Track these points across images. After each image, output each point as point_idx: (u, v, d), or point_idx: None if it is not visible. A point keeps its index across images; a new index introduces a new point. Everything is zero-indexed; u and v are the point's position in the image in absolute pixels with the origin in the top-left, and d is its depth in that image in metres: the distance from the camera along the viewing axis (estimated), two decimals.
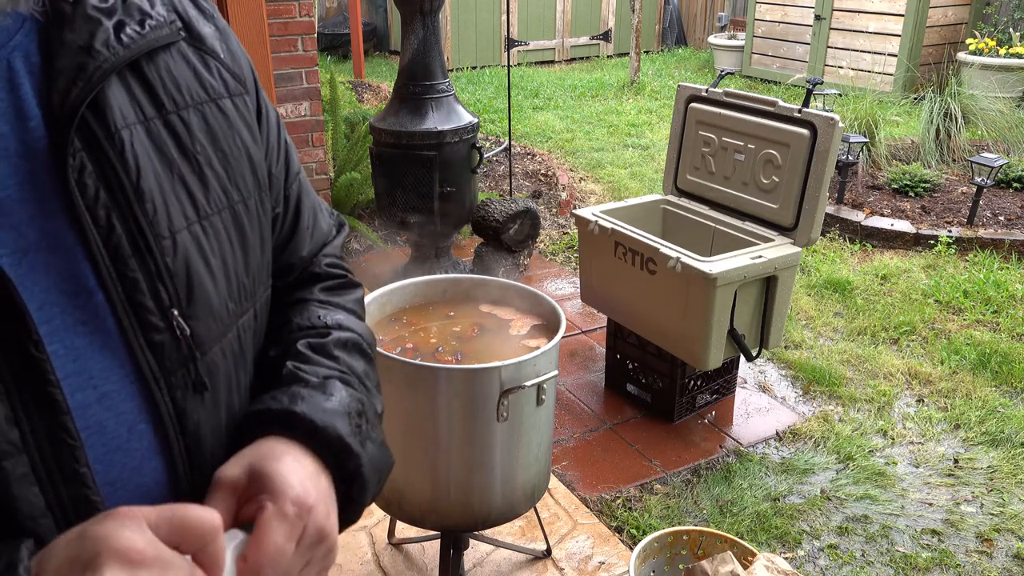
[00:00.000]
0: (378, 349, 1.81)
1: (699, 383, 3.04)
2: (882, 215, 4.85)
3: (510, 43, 8.12)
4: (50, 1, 0.59)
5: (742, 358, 3.04)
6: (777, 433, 2.99)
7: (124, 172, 0.59)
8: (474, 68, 9.95)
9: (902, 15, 7.83)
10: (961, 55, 7.67)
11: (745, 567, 1.82)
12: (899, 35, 7.88)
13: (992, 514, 2.58)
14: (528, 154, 6.25)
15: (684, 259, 2.59)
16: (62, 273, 0.56)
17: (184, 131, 0.66)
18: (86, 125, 0.58)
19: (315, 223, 0.88)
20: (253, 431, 0.69)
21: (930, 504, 2.63)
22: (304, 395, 0.71)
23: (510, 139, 4.74)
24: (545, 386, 1.83)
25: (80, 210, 0.57)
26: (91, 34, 0.59)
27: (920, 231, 4.63)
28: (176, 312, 0.62)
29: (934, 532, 2.51)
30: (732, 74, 9.25)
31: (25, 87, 0.56)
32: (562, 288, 4.15)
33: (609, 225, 2.89)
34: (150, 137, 0.63)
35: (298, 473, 0.65)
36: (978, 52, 7.48)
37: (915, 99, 7.25)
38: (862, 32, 8.20)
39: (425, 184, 3.58)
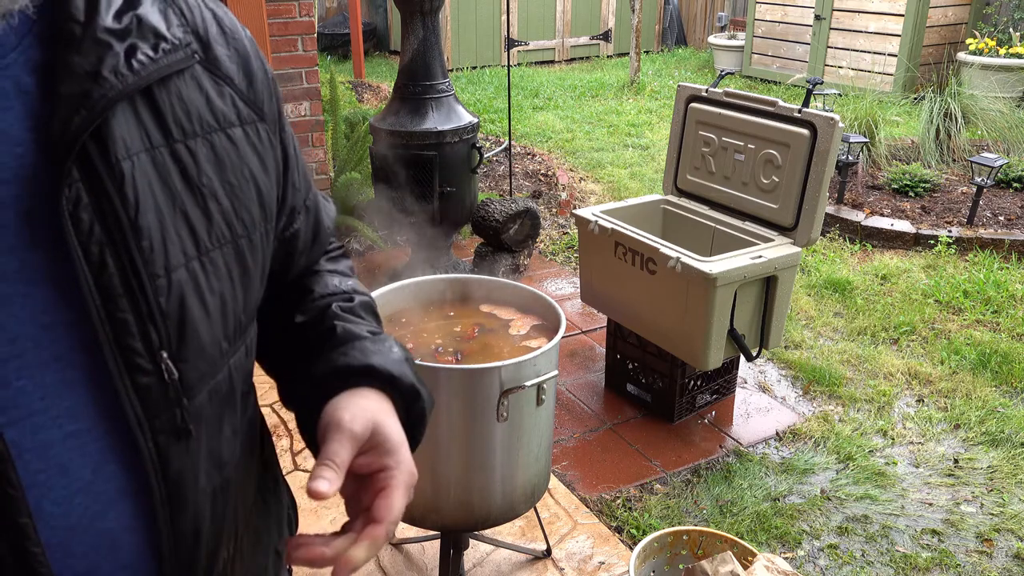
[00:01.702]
0: None
1: (699, 383, 3.04)
2: (882, 215, 4.85)
3: (510, 43, 8.12)
4: (59, 21, 0.56)
5: (742, 358, 3.04)
6: (777, 433, 2.99)
7: (123, 207, 0.56)
8: (474, 68, 9.94)
9: (902, 15, 7.83)
10: (961, 55, 7.67)
11: (745, 567, 1.82)
12: (899, 35, 7.88)
13: (992, 514, 2.58)
14: (528, 154, 6.25)
15: (684, 259, 2.59)
16: (41, 306, 0.54)
17: (191, 161, 0.63)
18: (86, 155, 0.55)
19: (327, 223, 0.90)
20: (336, 384, 0.74)
21: (930, 504, 2.63)
22: (372, 349, 0.78)
23: (510, 139, 4.74)
24: (545, 386, 1.83)
25: (72, 245, 0.54)
26: (99, 59, 0.56)
27: (920, 231, 4.63)
28: (165, 355, 0.59)
29: (934, 532, 2.51)
30: (732, 74, 9.25)
31: (15, 111, 0.53)
32: (562, 288, 4.15)
33: (609, 225, 2.89)
34: (155, 167, 0.60)
35: (401, 435, 0.73)
36: (978, 52, 7.48)
37: (915, 99, 7.25)
38: (862, 32, 8.20)
39: (425, 184, 3.59)
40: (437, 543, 2.21)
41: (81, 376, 0.56)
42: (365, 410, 0.72)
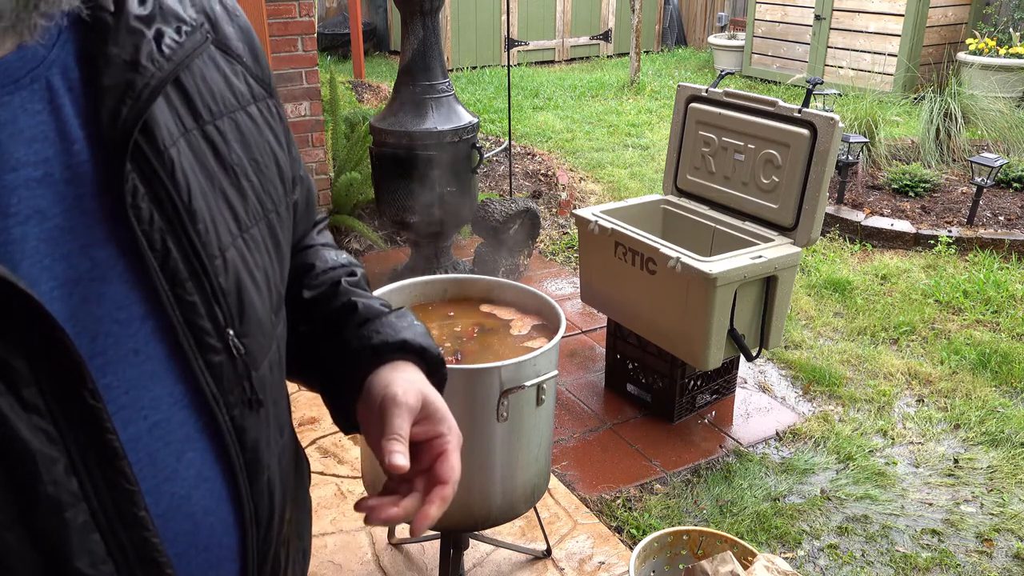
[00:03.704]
0: None
1: (699, 383, 3.04)
2: (882, 215, 4.85)
3: (510, 43, 8.11)
4: (91, 11, 0.55)
5: (742, 358, 3.04)
6: (777, 433, 2.99)
7: (176, 193, 0.57)
8: (474, 68, 9.94)
9: (902, 15, 7.83)
10: (961, 55, 7.67)
11: (745, 567, 1.82)
12: (899, 35, 7.88)
13: (992, 514, 2.58)
14: (528, 154, 6.25)
15: (684, 259, 2.59)
16: (114, 302, 0.54)
17: (221, 142, 0.64)
18: (136, 145, 0.55)
19: (315, 193, 0.92)
20: (373, 359, 0.79)
21: (930, 504, 2.63)
22: (400, 325, 0.83)
23: (510, 139, 4.74)
24: (545, 386, 1.83)
25: (138, 236, 0.55)
26: (135, 47, 0.56)
27: (920, 231, 4.63)
28: (231, 332, 0.61)
29: (934, 532, 2.51)
30: (732, 74, 9.24)
31: (67, 107, 0.53)
32: (562, 288, 4.15)
33: (609, 225, 2.89)
34: (192, 150, 0.60)
35: (443, 402, 0.78)
36: (978, 52, 7.48)
37: (915, 99, 7.24)
38: (862, 32, 8.20)
39: (425, 184, 3.58)
40: (437, 543, 2.21)
41: (158, 367, 0.57)
42: (412, 383, 0.77)
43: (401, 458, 0.69)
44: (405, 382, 0.77)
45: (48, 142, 0.52)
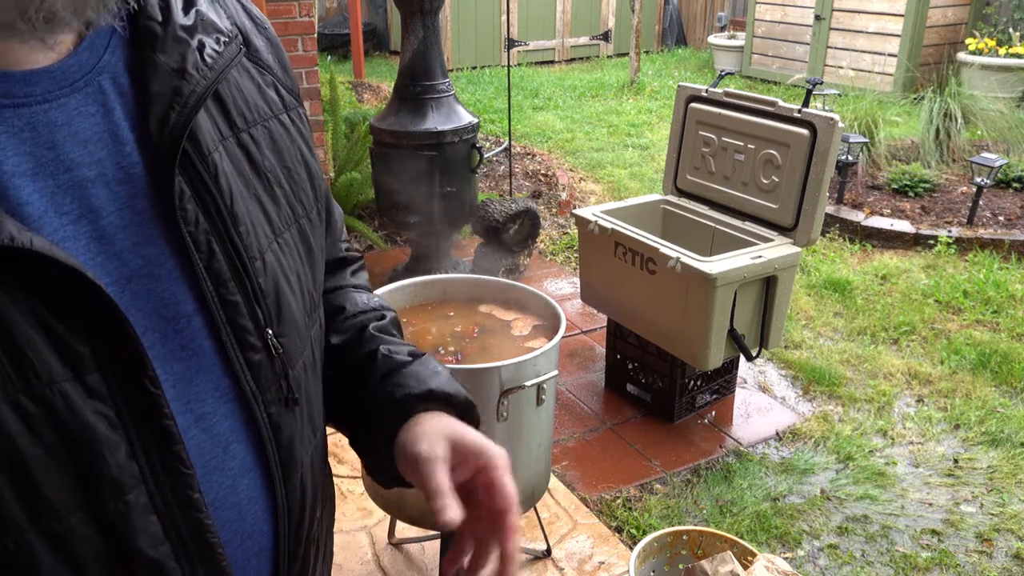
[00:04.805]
0: None
1: (699, 383, 3.04)
2: (882, 215, 4.85)
3: (510, 43, 8.11)
4: (139, 19, 0.58)
5: (742, 358, 3.04)
6: (777, 433, 2.99)
7: (220, 196, 0.60)
8: (474, 68, 9.94)
9: (902, 15, 7.83)
10: (961, 55, 7.67)
11: (745, 567, 1.82)
12: (899, 35, 7.88)
13: (992, 514, 2.58)
14: (528, 154, 6.25)
15: (684, 259, 2.59)
16: (162, 299, 0.57)
17: (255, 149, 0.66)
18: (182, 150, 0.57)
19: (336, 213, 0.91)
20: (398, 414, 0.77)
21: (930, 504, 2.63)
22: (422, 375, 0.80)
23: (510, 139, 4.74)
24: (545, 386, 1.83)
25: (185, 236, 0.57)
26: (182, 56, 0.58)
27: (920, 231, 4.63)
28: (270, 332, 0.64)
29: (934, 532, 2.51)
30: (732, 74, 9.24)
31: (117, 111, 0.56)
32: (562, 288, 4.15)
33: (609, 225, 2.89)
34: (228, 157, 0.63)
35: (473, 432, 0.75)
36: (978, 52, 7.48)
37: (915, 99, 7.24)
38: (862, 32, 8.20)
39: (425, 184, 3.58)
40: (437, 543, 2.21)
41: (203, 362, 0.59)
42: (437, 432, 0.74)
43: (452, 512, 0.68)
44: (430, 435, 0.75)
45: (101, 144, 0.54)
